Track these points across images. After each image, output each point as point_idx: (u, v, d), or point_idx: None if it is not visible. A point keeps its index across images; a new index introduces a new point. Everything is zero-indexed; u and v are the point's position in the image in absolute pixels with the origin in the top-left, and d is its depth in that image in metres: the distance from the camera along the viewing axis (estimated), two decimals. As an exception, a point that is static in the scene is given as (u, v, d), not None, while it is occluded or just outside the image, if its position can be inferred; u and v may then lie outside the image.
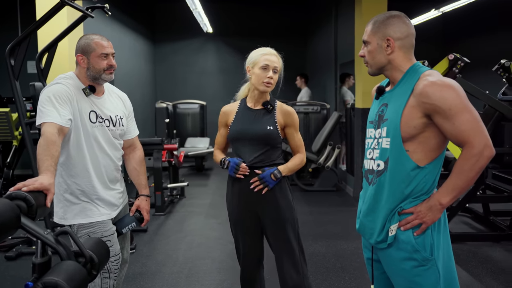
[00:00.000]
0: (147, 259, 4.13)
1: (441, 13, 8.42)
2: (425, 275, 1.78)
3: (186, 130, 9.97)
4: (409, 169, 1.78)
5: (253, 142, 2.56)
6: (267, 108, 2.59)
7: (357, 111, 6.11)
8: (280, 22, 11.51)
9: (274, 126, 2.56)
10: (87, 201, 2.31)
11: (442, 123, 1.72)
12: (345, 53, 7.58)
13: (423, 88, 1.73)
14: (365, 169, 1.99)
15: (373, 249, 1.97)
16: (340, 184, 7.21)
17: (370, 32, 1.88)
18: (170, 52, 11.59)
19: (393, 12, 1.90)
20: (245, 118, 2.62)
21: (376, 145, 1.89)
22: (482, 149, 1.66)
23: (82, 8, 3.97)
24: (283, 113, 2.61)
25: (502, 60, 4.71)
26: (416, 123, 1.75)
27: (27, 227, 1.58)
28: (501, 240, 4.50)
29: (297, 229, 2.61)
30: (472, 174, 1.69)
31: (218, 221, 5.41)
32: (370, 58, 1.90)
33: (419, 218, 1.77)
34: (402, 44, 1.84)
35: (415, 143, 1.78)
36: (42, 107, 2.13)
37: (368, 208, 1.92)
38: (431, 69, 1.86)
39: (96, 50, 2.27)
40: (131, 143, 2.58)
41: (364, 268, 3.92)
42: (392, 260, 1.86)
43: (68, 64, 4.86)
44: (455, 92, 1.70)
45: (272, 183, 2.52)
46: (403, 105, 1.78)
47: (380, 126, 1.88)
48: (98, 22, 6.39)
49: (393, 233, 1.82)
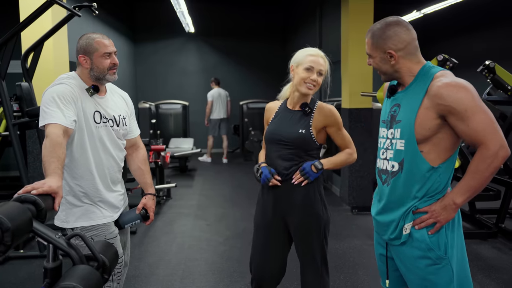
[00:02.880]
0: (139, 261, 4.07)
1: (422, 14, 8.56)
2: (439, 273, 1.81)
3: (169, 130, 9.91)
4: (424, 171, 1.80)
5: (284, 146, 2.46)
6: (305, 110, 2.46)
7: (343, 111, 6.14)
8: (263, 23, 11.53)
9: (307, 129, 2.42)
10: (90, 203, 2.26)
11: (457, 124, 1.73)
12: (331, 53, 7.62)
13: (437, 89, 1.74)
14: (378, 169, 2.00)
15: (387, 245, 1.99)
16: (326, 184, 7.24)
17: (371, 46, 1.90)
18: (151, 51, 11.49)
19: (388, 19, 1.88)
20: (281, 119, 2.53)
21: (390, 146, 1.91)
22: (497, 150, 1.68)
23: (70, 7, 3.90)
24: (321, 114, 2.46)
25: (487, 61, 4.80)
26: (430, 125, 1.77)
27: (39, 231, 1.54)
28: (488, 238, 4.59)
29: (322, 239, 2.49)
30: (487, 174, 1.72)
31: (207, 222, 5.38)
32: (378, 69, 1.92)
33: (434, 217, 1.80)
34: (405, 53, 1.84)
35: (429, 144, 1.79)
36: (46, 108, 2.07)
37: (383, 207, 1.95)
38: (445, 69, 1.87)
39: (99, 50, 2.22)
40: (133, 142, 2.54)
41: (358, 266, 3.96)
42: (406, 257, 1.88)
43: (53, 63, 4.76)
44: (469, 93, 1.71)
45: (313, 175, 2.40)
46: (417, 107, 1.79)
47: (393, 126, 1.89)
48: (79, 21, 6.28)
49: (407, 232, 1.85)
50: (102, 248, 1.69)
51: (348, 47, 5.94)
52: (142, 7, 11.36)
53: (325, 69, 2.46)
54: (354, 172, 5.93)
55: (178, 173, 8.67)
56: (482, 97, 4.86)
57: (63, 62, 5.00)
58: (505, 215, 4.73)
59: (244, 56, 11.39)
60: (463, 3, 7.71)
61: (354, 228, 5.07)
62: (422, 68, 1.84)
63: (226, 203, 6.40)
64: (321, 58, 2.46)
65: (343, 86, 6.22)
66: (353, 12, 5.89)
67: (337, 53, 6.59)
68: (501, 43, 8.12)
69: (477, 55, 8.07)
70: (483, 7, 8.40)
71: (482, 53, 8.21)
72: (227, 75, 11.26)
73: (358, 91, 5.61)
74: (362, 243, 4.55)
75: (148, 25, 11.35)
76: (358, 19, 5.87)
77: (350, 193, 5.99)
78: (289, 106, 2.55)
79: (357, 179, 5.90)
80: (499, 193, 4.68)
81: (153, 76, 11.49)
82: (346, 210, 5.81)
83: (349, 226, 5.15)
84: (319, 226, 2.46)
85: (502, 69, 4.75)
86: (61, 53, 4.95)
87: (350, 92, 5.94)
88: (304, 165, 2.41)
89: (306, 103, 2.47)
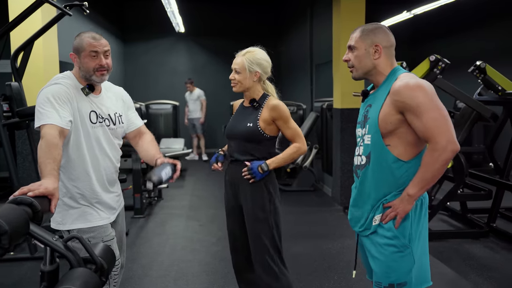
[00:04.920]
0: (132, 263, 4.03)
1: (412, 15, 8.59)
2: (402, 261, 1.95)
3: (159, 130, 9.84)
4: (390, 162, 1.94)
5: (237, 139, 2.67)
6: (253, 105, 2.66)
7: (335, 111, 6.15)
8: (253, 22, 11.50)
9: (255, 122, 2.61)
10: (86, 205, 2.22)
11: (412, 120, 1.87)
12: (322, 54, 7.63)
13: (397, 87, 1.90)
14: (354, 165, 2.14)
15: (358, 236, 2.15)
16: (317, 184, 7.25)
17: (358, 38, 2.02)
18: (141, 51, 11.42)
19: (378, 24, 2.07)
20: (237, 116, 2.76)
21: (362, 143, 2.06)
22: (445, 144, 1.81)
23: (61, 6, 3.86)
24: (268, 108, 2.62)
25: (478, 61, 4.83)
26: (391, 119, 1.91)
27: (36, 233, 1.51)
28: (480, 237, 4.62)
29: (272, 229, 2.62)
30: (436, 166, 1.84)
31: (200, 223, 5.34)
32: (357, 62, 2.04)
33: (394, 210, 1.94)
34: (387, 51, 2.01)
35: (394, 138, 1.93)
36: (41, 109, 2.03)
37: (354, 200, 2.12)
38: (409, 71, 2.07)
39: (86, 49, 2.16)
40: (137, 132, 2.48)
41: (352, 266, 3.94)
42: (374, 245, 2.02)
43: (42, 63, 4.71)
44: (423, 92, 1.85)
45: (259, 175, 2.58)
46: (381, 104, 1.95)
47: (365, 125, 2.04)
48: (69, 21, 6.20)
49: (376, 223, 2.00)
50: (100, 251, 1.66)
51: (340, 46, 5.94)
52: (133, 6, 11.30)
53: (240, 66, 2.63)
54: (346, 172, 5.95)
55: (168, 174, 8.60)
56: (473, 97, 4.88)
57: (53, 62, 4.95)
58: (497, 215, 4.76)
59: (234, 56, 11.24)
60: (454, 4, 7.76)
61: (347, 228, 5.07)
62: (393, 70, 2.02)
63: (218, 203, 6.36)
64: (238, 57, 2.67)
65: (335, 86, 6.22)
66: (344, 11, 5.90)
67: (328, 53, 6.61)
68: (492, 43, 8.19)
69: (468, 56, 8.13)
70: (473, 8, 8.46)
71: (472, 54, 8.27)
72: (216, 74, 11.23)
73: (350, 91, 5.60)
74: (355, 243, 4.53)
75: (139, 25, 11.30)
76: (350, 18, 5.89)
77: (342, 193, 6.00)
78: (244, 103, 2.77)
79: (349, 179, 5.91)
80: (491, 193, 4.71)
81: (143, 76, 11.43)
82: (338, 210, 5.82)
83: (342, 226, 5.15)
84: (266, 216, 2.60)
85: (493, 70, 4.79)
86: (51, 53, 4.90)
87: (342, 92, 5.95)
88: (252, 164, 2.60)
89: (254, 99, 2.67)
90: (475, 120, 4.73)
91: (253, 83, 2.65)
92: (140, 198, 5.55)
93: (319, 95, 8.05)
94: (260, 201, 2.61)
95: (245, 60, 2.62)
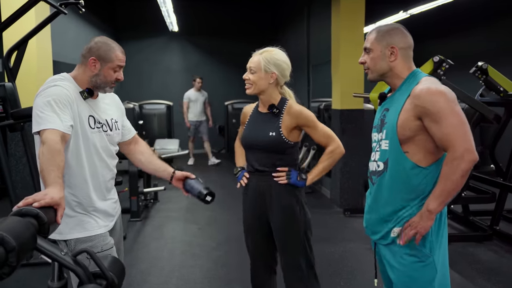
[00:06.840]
0: (130, 268, 3.91)
1: (409, 15, 8.57)
2: (424, 271, 1.90)
3: (153, 131, 9.73)
4: (408, 168, 1.87)
5: (258, 150, 2.45)
6: (273, 112, 2.43)
7: (334, 112, 6.07)
8: (249, 21, 11.40)
9: (277, 131, 2.39)
10: (83, 213, 2.11)
11: (430, 126, 1.80)
12: (320, 54, 7.56)
13: (418, 91, 1.84)
14: (369, 171, 2.07)
15: (376, 245, 2.08)
16: (315, 186, 7.17)
17: (374, 40, 1.97)
18: (134, 50, 11.25)
19: (395, 24, 2.02)
20: (253, 124, 2.53)
21: (378, 148, 2.00)
22: (462, 152, 1.74)
23: (56, 4, 3.74)
24: (291, 115, 2.41)
25: (479, 62, 4.78)
26: (410, 125, 1.85)
27: (43, 248, 1.40)
28: (484, 241, 4.56)
29: (304, 242, 2.45)
30: (455, 177, 1.75)
31: (198, 226, 5.24)
32: (372, 65, 1.99)
33: (413, 228, 1.85)
34: (404, 53, 1.95)
35: (413, 145, 1.87)
36: (41, 112, 1.90)
37: (369, 207, 2.06)
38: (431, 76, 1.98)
39: (114, 62, 2.11)
40: (132, 140, 2.41)
41: (357, 271, 3.88)
42: (393, 254, 1.96)
43: (36, 63, 4.58)
44: (445, 97, 1.79)
45: (295, 181, 2.40)
46: (400, 108, 1.88)
47: (382, 129, 1.98)
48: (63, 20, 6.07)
49: (394, 235, 1.93)
50: (110, 264, 1.56)
51: (339, 46, 5.86)
52: (127, 5, 11.14)
53: (255, 65, 2.41)
54: (345, 173, 5.86)
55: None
56: (475, 98, 4.83)
57: (47, 62, 4.83)
58: (500, 217, 4.71)
59: (229, 55, 11.22)
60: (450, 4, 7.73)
61: (348, 231, 5.00)
62: (412, 72, 1.95)
63: (216, 205, 6.17)
64: (255, 56, 2.44)
65: (334, 86, 6.14)
66: (344, 11, 5.82)
67: (326, 53, 6.53)
68: (493, 44, 8.17)
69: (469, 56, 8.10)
70: (471, 8, 8.44)
71: (472, 54, 8.25)
72: (210, 74, 11.12)
73: (350, 92, 5.53)
74: (357, 246, 4.48)
75: (133, 24, 11.14)
76: (349, 17, 5.82)
77: (341, 195, 5.91)
78: (260, 109, 2.54)
79: (349, 181, 5.82)
80: (494, 195, 4.66)
81: (136, 75, 11.26)
82: (338, 213, 5.73)
83: (343, 229, 5.08)
84: (299, 229, 2.43)
85: (495, 71, 4.75)
86: (44, 53, 4.77)
87: (342, 93, 5.87)
88: (294, 171, 2.42)
89: (273, 105, 2.44)
90: (478, 121, 4.68)
91: (269, 85, 2.41)
92: (137, 201, 5.44)
93: (316, 95, 7.98)
94: (291, 212, 2.42)
95: (262, 59, 2.39)
